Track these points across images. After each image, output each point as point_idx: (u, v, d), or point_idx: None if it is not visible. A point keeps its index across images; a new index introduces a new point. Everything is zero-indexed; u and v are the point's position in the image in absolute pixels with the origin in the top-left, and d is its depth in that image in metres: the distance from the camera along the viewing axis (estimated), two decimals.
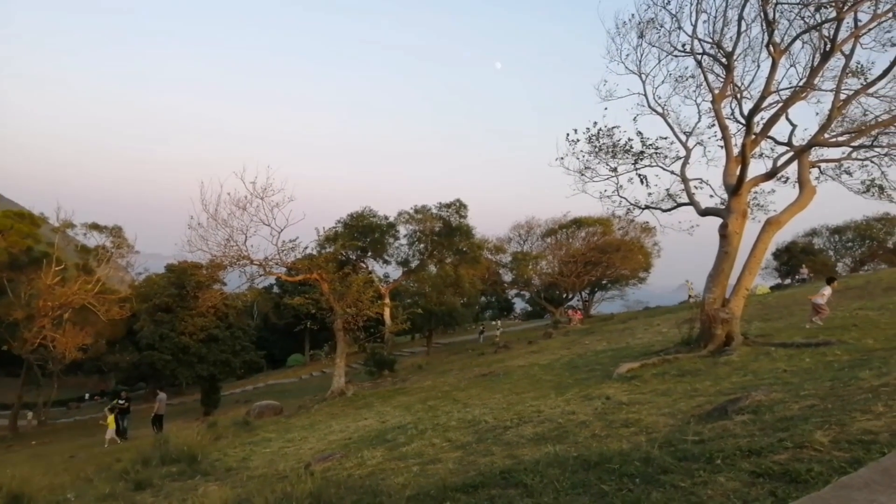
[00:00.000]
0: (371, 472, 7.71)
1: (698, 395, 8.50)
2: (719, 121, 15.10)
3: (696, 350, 13.17)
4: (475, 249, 42.77)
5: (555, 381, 14.41)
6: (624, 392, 10.10)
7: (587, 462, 5.17)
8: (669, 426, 6.51)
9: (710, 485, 3.91)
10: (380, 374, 29.61)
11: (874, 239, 46.30)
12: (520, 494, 4.73)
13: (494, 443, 7.82)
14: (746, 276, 13.94)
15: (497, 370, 20.15)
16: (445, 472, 6.65)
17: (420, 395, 17.97)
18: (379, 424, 13.42)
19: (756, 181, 15.05)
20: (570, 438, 6.95)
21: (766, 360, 10.58)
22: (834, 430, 4.52)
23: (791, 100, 14.45)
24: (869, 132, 14.39)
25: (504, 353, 29.57)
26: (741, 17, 13.88)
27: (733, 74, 14.94)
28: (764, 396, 6.57)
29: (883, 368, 7.10)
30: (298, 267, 24.57)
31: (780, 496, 3.48)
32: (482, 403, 13.01)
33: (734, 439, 4.93)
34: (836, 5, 12.51)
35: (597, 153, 17.50)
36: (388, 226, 41.93)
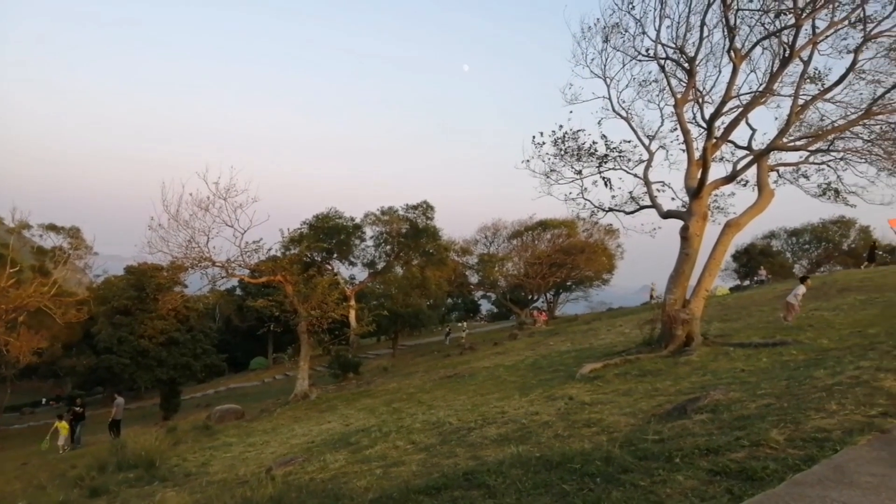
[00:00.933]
0: (333, 476, 7.64)
1: (659, 394, 8.62)
2: (681, 125, 15.35)
3: (657, 350, 13.36)
4: (442, 251, 42.76)
5: (519, 381, 14.48)
6: (587, 392, 10.19)
7: (549, 462, 5.20)
8: (630, 426, 6.59)
9: (669, 483, 3.96)
10: (344, 377, 29.39)
11: (830, 241, 47.57)
12: (482, 495, 4.73)
13: (458, 444, 7.82)
14: (706, 277, 14.20)
15: (462, 372, 20.16)
16: (409, 474, 6.62)
17: (385, 398, 17.89)
18: (342, 427, 13.31)
19: (716, 184, 15.35)
20: (534, 439, 6.98)
21: (725, 360, 10.79)
22: (789, 429, 4.62)
23: (751, 105, 14.77)
24: (825, 137, 14.81)
25: (469, 354, 29.61)
26: (703, 22, 14.12)
27: (695, 79, 15.19)
28: (722, 396, 6.70)
29: (837, 368, 7.29)
30: (262, 269, 24.23)
31: (736, 494, 3.54)
32: (447, 405, 13.01)
33: (693, 438, 5.01)
34: (794, 12, 12.83)
35: (562, 156, 17.64)
36: (354, 227, 41.66)
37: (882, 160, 14.63)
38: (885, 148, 14.46)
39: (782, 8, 13.27)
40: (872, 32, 13.07)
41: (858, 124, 14.17)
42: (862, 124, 14.22)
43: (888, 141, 14.37)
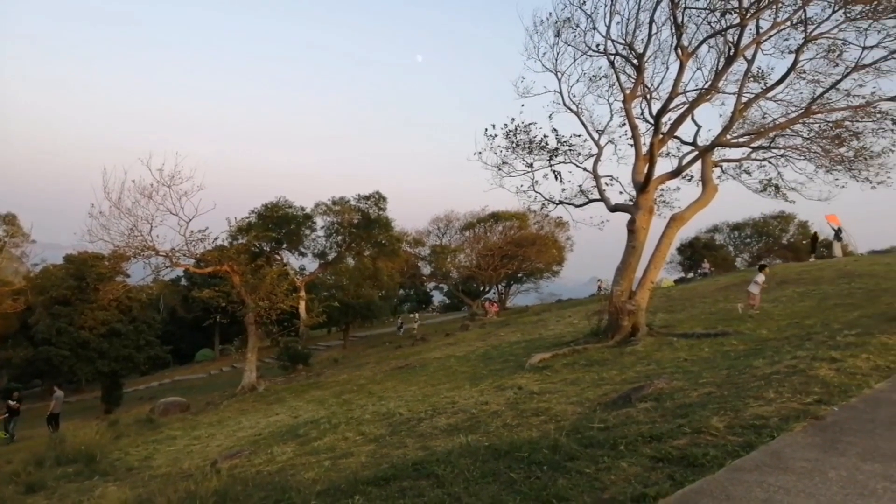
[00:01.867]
0: (281, 468, 7.55)
1: (605, 383, 8.78)
2: (629, 120, 15.61)
3: (604, 341, 13.61)
4: (394, 242, 42.51)
5: (470, 372, 14.56)
6: (535, 382, 10.31)
7: (498, 451, 5.23)
8: (577, 414, 6.69)
9: (614, 470, 4.02)
10: (293, 369, 29.00)
11: (770, 235, 49.18)
12: (431, 485, 4.73)
13: (408, 435, 7.82)
14: (652, 269, 14.52)
15: (413, 362, 20.17)
16: (357, 465, 6.59)
17: (335, 389, 17.77)
18: (291, 420, 13.18)
19: (662, 179, 15.69)
20: (483, 428, 7.02)
21: (669, 350, 11.06)
22: (729, 416, 4.75)
23: (697, 101, 15.11)
24: (767, 134, 15.29)
25: (421, 345, 29.61)
26: (652, 19, 14.37)
27: (644, 75, 15.46)
28: (665, 384, 6.86)
29: (775, 357, 7.54)
30: (208, 258, 23.73)
31: (678, 480, 3.62)
32: (397, 396, 12.99)
33: (637, 426, 5.12)
34: (739, 12, 13.18)
35: (514, 149, 17.74)
36: (304, 217, 41.00)
37: (820, 157, 15.20)
38: (822, 146, 15.03)
39: (728, 7, 13.61)
40: (813, 34, 13.54)
41: (798, 122, 14.69)
42: (802, 122, 14.74)
43: (826, 139, 14.94)
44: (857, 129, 14.59)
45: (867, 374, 5.47)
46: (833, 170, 15.24)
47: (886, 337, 7.14)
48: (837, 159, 15.04)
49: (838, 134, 14.72)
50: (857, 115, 14.27)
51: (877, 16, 12.64)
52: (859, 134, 14.63)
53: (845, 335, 7.94)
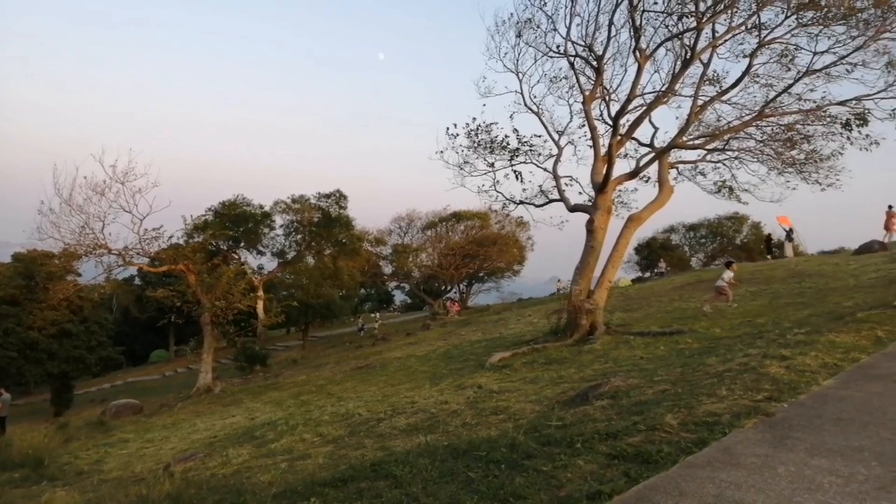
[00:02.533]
0: (236, 471, 7.43)
1: (563, 382, 8.85)
2: (589, 121, 15.76)
3: (563, 339, 13.73)
4: (355, 241, 42.24)
5: (430, 371, 14.55)
6: (495, 381, 10.35)
7: (456, 450, 5.22)
8: (535, 412, 6.72)
9: (570, 468, 4.04)
10: (251, 370, 28.60)
11: (724, 236, 50.37)
12: (389, 486, 4.69)
13: (367, 436, 7.76)
14: (610, 269, 14.71)
15: (374, 362, 20.07)
16: (315, 467, 6.52)
17: (293, 390, 17.58)
18: (247, 421, 12.99)
19: (620, 180, 15.90)
20: (442, 428, 7.01)
21: (626, 348, 11.22)
22: (683, 413, 4.83)
23: (654, 104, 15.35)
24: (722, 136, 15.64)
25: (382, 345, 29.50)
26: (611, 22, 14.51)
27: (603, 77, 15.62)
28: (622, 382, 6.94)
29: (727, 355, 7.70)
30: (162, 257, 23.30)
31: (633, 476, 3.66)
32: (357, 396, 12.91)
33: (594, 423, 5.16)
34: (696, 16, 13.43)
35: (475, 148, 17.77)
36: (263, 215, 40.45)
37: (772, 160, 15.63)
38: (775, 148, 15.46)
39: (685, 11, 13.85)
40: (766, 39, 13.89)
41: (752, 125, 15.07)
42: (755, 125, 15.12)
43: (778, 142, 15.36)
44: (807, 132, 15.03)
45: (816, 372, 5.61)
46: (785, 172, 15.69)
47: (834, 335, 7.35)
48: (789, 162, 15.48)
49: (790, 137, 15.15)
50: (808, 119, 14.70)
51: (827, 22, 13.03)
52: (810, 137, 15.08)
53: (795, 333, 8.15)
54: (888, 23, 12.61)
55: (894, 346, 6.49)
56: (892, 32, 12.72)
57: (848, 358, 6.09)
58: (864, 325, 7.77)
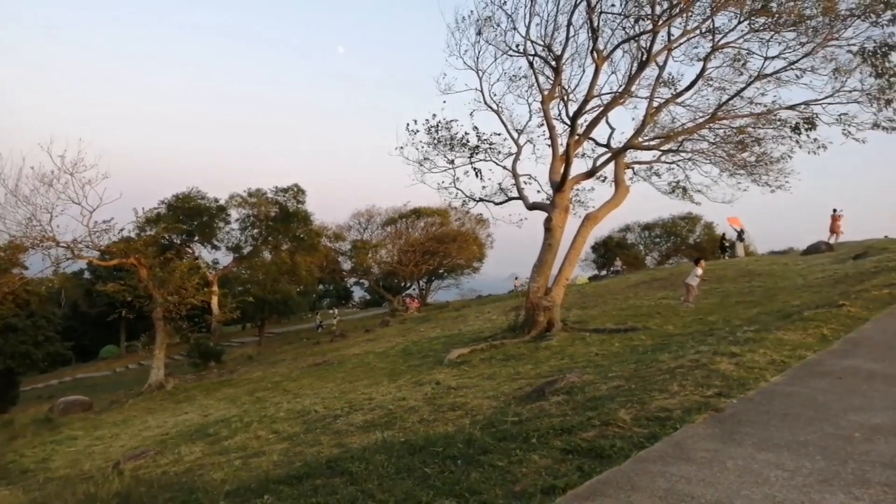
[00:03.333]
0: (188, 469, 7.28)
1: (520, 378, 8.93)
2: (547, 121, 15.91)
3: (520, 336, 13.86)
4: (313, 236, 41.77)
5: (388, 368, 14.51)
6: (453, 377, 10.37)
7: (413, 447, 5.20)
8: (493, 408, 6.76)
9: (525, 463, 4.07)
10: (205, 366, 28.07)
11: (678, 235, 51.48)
12: (344, 483, 4.65)
13: (323, 432, 7.69)
14: (567, 267, 14.90)
15: (331, 359, 19.93)
16: (269, 464, 6.43)
17: (248, 387, 17.33)
18: (201, 418, 12.77)
19: (578, 179, 16.09)
20: (399, 424, 6.99)
21: (582, 345, 11.37)
22: (635, 409, 4.90)
23: (611, 105, 15.57)
24: (676, 138, 15.97)
25: (340, 341, 29.31)
26: (570, 22, 14.65)
27: (561, 77, 15.79)
28: (577, 378, 7.02)
29: (679, 351, 7.87)
30: (113, 251, 22.70)
31: (586, 471, 3.69)
32: (314, 393, 12.80)
33: (549, 419, 5.20)
34: (652, 19, 13.67)
35: (435, 145, 17.80)
36: (218, 209, 39.67)
37: (724, 161, 16.05)
38: (727, 150, 15.87)
39: (641, 14, 14.08)
40: (720, 43, 14.23)
41: (705, 128, 15.43)
42: (708, 128, 15.49)
43: (730, 144, 15.78)
44: (758, 135, 15.49)
45: (764, 368, 5.77)
46: (736, 173, 16.12)
47: (782, 333, 7.57)
48: (740, 164, 15.91)
49: (741, 139, 15.57)
50: (758, 122, 15.14)
51: (778, 28, 13.43)
52: (760, 140, 15.54)
53: (745, 331, 8.36)
54: (835, 31, 13.06)
55: (839, 344, 6.72)
56: (838, 40, 13.17)
57: (795, 355, 6.28)
58: (810, 324, 8.02)
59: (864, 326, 7.68)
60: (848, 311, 8.69)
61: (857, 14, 12.71)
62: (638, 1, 14.03)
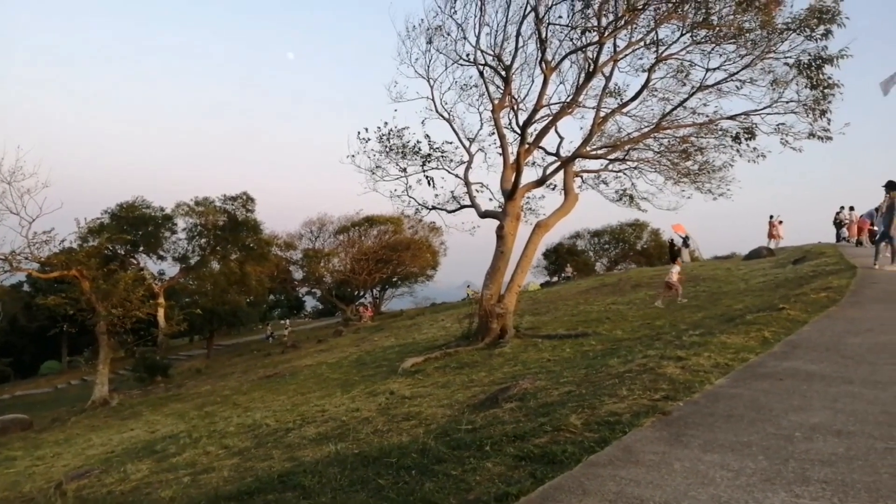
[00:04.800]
0: (135, 487, 7.06)
1: (474, 385, 8.95)
2: (498, 129, 16.04)
3: (474, 343, 13.91)
4: (263, 245, 41.14)
5: (342, 379, 14.37)
6: (407, 386, 10.33)
7: (367, 458, 5.17)
8: (447, 417, 6.75)
9: (479, 471, 4.08)
10: (151, 381, 27.28)
11: (626, 242, 52.67)
12: (297, 497, 4.59)
13: (275, 446, 7.56)
14: (519, 274, 15.04)
15: (283, 371, 19.63)
16: (220, 480, 6.29)
17: (196, 402, 16.92)
18: (147, 435, 12.39)
19: (528, 187, 16.29)
20: (352, 436, 6.92)
21: (534, 351, 11.48)
22: (586, 414, 4.97)
23: (559, 114, 15.84)
24: (622, 147, 16.33)
25: (292, 352, 28.88)
26: (519, 33, 14.85)
27: (511, 87, 15.95)
28: (530, 385, 7.09)
29: (628, 356, 8.01)
30: (54, 262, 21.95)
31: (538, 477, 3.73)
32: (265, 406, 12.57)
33: (502, 426, 5.23)
34: (598, 31, 13.98)
35: (387, 153, 17.75)
36: (164, 218, 38.74)
37: (668, 170, 16.47)
38: (671, 159, 16.30)
39: (588, 26, 14.39)
40: (663, 54, 14.63)
41: (650, 137, 15.83)
42: (653, 137, 15.90)
43: (674, 153, 16.22)
44: (701, 144, 15.96)
45: (709, 372, 5.91)
46: (680, 182, 16.56)
47: (726, 336, 7.78)
48: (684, 172, 16.36)
49: (685, 149, 16.03)
50: (701, 132, 15.61)
51: (719, 41, 13.91)
52: (703, 149, 16.02)
53: (690, 335, 8.57)
54: (773, 44, 13.58)
55: (780, 347, 6.92)
56: (776, 53, 13.71)
57: (738, 358, 6.45)
58: (752, 327, 8.24)
59: (804, 329, 7.91)
60: (788, 315, 8.95)
61: (793, 28, 13.23)
62: (584, 13, 14.36)
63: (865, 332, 7.25)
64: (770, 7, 13.10)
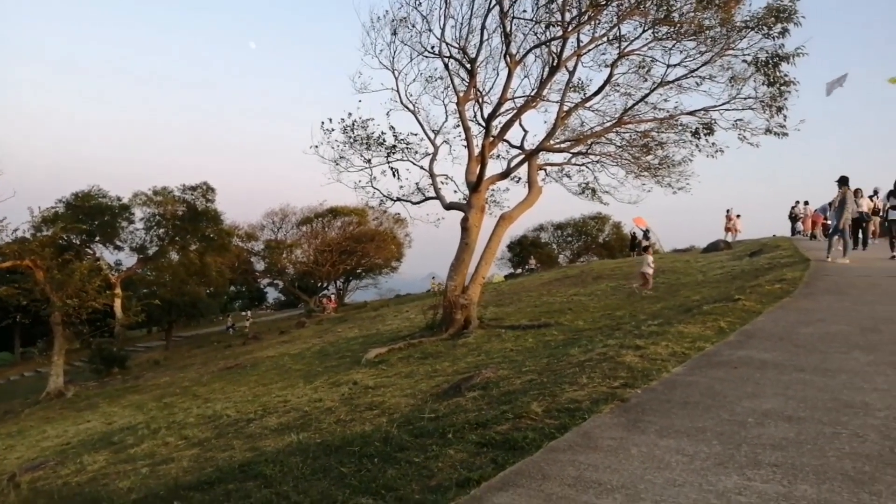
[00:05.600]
0: (92, 479, 6.94)
1: (438, 375, 8.99)
2: (463, 122, 16.05)
3: (438, 334, 13.94)
4: (224, 236, 40.50)
5: (304, 369, 14.28)
6: (371, 377, 10.32)
7: (329, 447, 5.18)
8: (410, 406, 6.79)
9: (441, 458, 4.13)
10: (108, 373, 26.71)
11: (589, 234, 53.29)
12: (258, 486, 4.58)
13: (236, 437, 7.50)
14: (483, 265, 15.11)
15: (244, 362, 19.41)
16: (179, 470, 6.23)
17: (155, 393, 16.64)
18: (104, 426, 12.16)
19: (493, 180, 16.36)
20: (315, 426, 6.91)
21: (497, 341, 11.56)
22: (547, 401, 5.06)
23: (524, 108, 15.94)
24: (585, 141, 16.52)
25: (254, 344, 28.57)
26: (483, 26, 14.86)
27: (476, 80, 15.97)
28: (492, 374, 7.16)
29: (589, 346, 8.14)
30: (6, 252, 21.30)
31: (500, 463, 3.79)
32: (225, 397, 12.44)
33: (465, 414, 5.29)
34: (562, 25, 14.09)
35: (351, 144, 17.60)
36: (121, 208, 37.79)
37: (630, 164, 16.73)
38: (632, 153, 16.56)
39: (552, 21, 14.50)
40: (626, 50, 14.83)
41: (612, 131, 16.05)
42: (615, 132, 16.12)
43: (635, 147, 16.48)
44: (661, 139, 16.25)
45: (666, 360, 6.06)
46: (641, 175, 16.84)
47: (683, 326, 7.97)
48: (645, 166, 16.64)
49: (646, 143, 16.31)
50: (661, 127, 15.89)
51: (680, 37, 14.14)
52: (663, 144, 16.31)
53: (649, 325, 8.76)
54: (731, 41, 13.87)
55: (735, 336, 7.11)
56: (734, 50, 14.01)
57: (694, 347, 6.62)
58: (709, 317, 8.46)
59: (758, 319, 8.13)
60: (743, 305, 9.20)
61: (751, 26, 13.52)
62: (549, 8, 14.45)
63: (817, 322, 7.50)
64: (729, 5, 13.37)
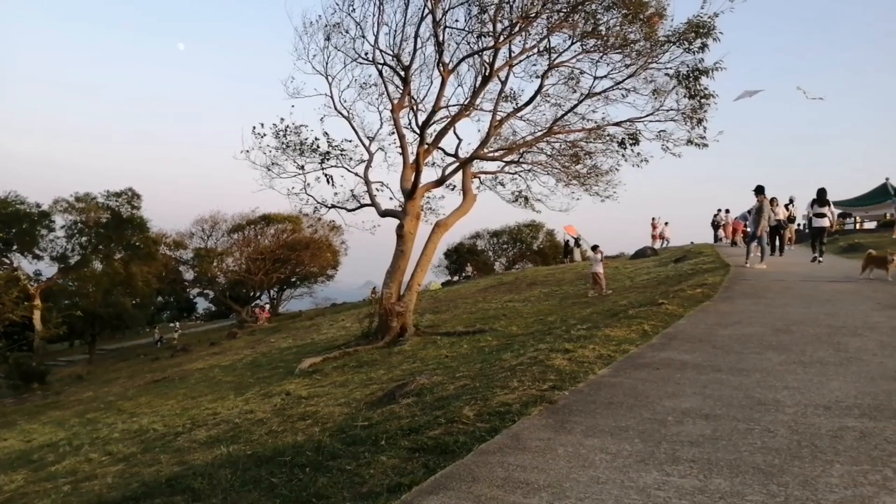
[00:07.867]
0: (9, 499, 6.65)
1: (373, 383, 8.99)
2: (397, 129, 16.10)
3: (374, 342, 13.91)
4: (150, 244, 39.15)
5: (235, 381, 13.98)
6: (304, 387, 10.22)
7: (260, 458, 5.12)
8: (344, 415, 6.77)
9: (373, 464, 4.16)
10: (27, 388, 25.32)
11: (524, 242, 54.10)
12: (186, 500, 4.50)
13: (163, 451, 7.30)
14: (419, 272, 15.18)
15: (172, 375, 18.81)
16: (103, 487, 6.02)
17: (77, 409, 15.92)
18: (23, 444, 11.56)
19: (428, 187, 16.46)
20: (245, 437, 6.80)
21: (433, 348, 11.65)
22: (479, 405, 5.15)
23: (457, 116, 16.12)
24: (517, 150, 16.82)
25: (182, 356, 27.68)
26: (417, 34, 14.99)
27: (410, 87, 16.06)
28: (427, 380, 7.22)
29: (521, 350, 8.32)
30: None
31: (431, 467, 3.85)
32: (152, 411, 12.05)
33: (398, 420, 5.33)
34: (493, 36, 14.35)
35: (284, 149, 17.39)
36: (40, 215, 36.01)
37: (560, 172, 17.12)
38: (562, 162, 16.96)
39: (484, 31, 14.75)
40: (555, 62, 15.23)
41: (543, 141, 16.40)
42: (546, 141, 16.48)
43: (565, 157, 16.89)
44: (590, 149, 16.70)
45: (593, 362, 6.26)
46: (570, 184, 17.25)
47: (610, 330, 8.24)
48: (574, 175, 17.06)
49: (575, 153, 16.73)
50: (589, 137, 16.35)
51: (606, 50, 14.61)
52: (591, 153, 16.77)
53: (578, 329, 9.01)
54: (655, 55, 14.43)
55: (658, 339, 7.40)
56: (657, 64, 14.59)
57: (620, 349, 6.86)
58: (634, 321, 8.78)
59: (680, 322, 8.48)
60: (666, 309, 9.59)
61: (673, 41, 14.10)
62: (481, 18, 14.70)
63: (734, 325, 7.88)
64: (653, 20, 13.92)
